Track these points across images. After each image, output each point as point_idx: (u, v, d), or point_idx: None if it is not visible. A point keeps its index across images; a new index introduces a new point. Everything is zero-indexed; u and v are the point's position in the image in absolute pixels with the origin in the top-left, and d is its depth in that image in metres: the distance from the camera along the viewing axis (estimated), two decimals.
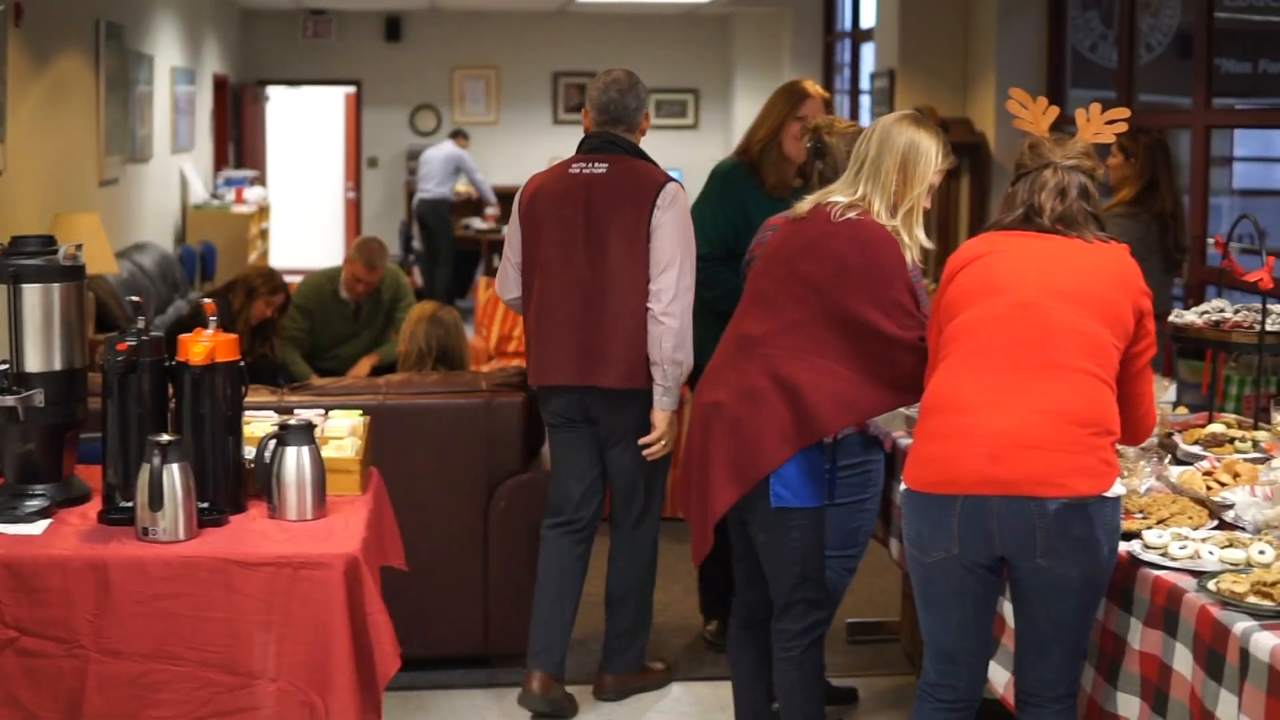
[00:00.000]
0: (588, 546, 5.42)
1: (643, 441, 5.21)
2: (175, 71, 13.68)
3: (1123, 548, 3.69)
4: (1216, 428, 4.62)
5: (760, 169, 5.66)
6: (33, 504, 3.82)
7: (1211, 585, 3.36)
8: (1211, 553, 3.58)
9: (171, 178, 13.82)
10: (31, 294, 3.79)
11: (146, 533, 3.66)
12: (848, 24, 14.96)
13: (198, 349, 3.83)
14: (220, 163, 16.71)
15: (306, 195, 20.60)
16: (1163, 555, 3.61)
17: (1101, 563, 3.60)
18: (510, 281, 5.39)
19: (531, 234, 5.28)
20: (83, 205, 9.81)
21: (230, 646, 3.58)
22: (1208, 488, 4.08)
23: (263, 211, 16.18)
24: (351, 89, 19.26)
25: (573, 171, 5.26)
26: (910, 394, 4.23)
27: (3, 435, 3.85)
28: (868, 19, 13.70)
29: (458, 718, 5.36)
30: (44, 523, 3.78)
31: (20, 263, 3.81)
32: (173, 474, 3.65)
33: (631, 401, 5.21)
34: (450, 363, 6.42)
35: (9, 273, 3.79)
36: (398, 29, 18.67)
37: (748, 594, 4.64)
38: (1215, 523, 3.91)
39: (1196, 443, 4.54)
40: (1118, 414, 3.69)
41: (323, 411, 4.48)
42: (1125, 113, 4.02)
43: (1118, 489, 3.61)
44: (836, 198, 4.31)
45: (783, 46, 16.56)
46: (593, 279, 5.17)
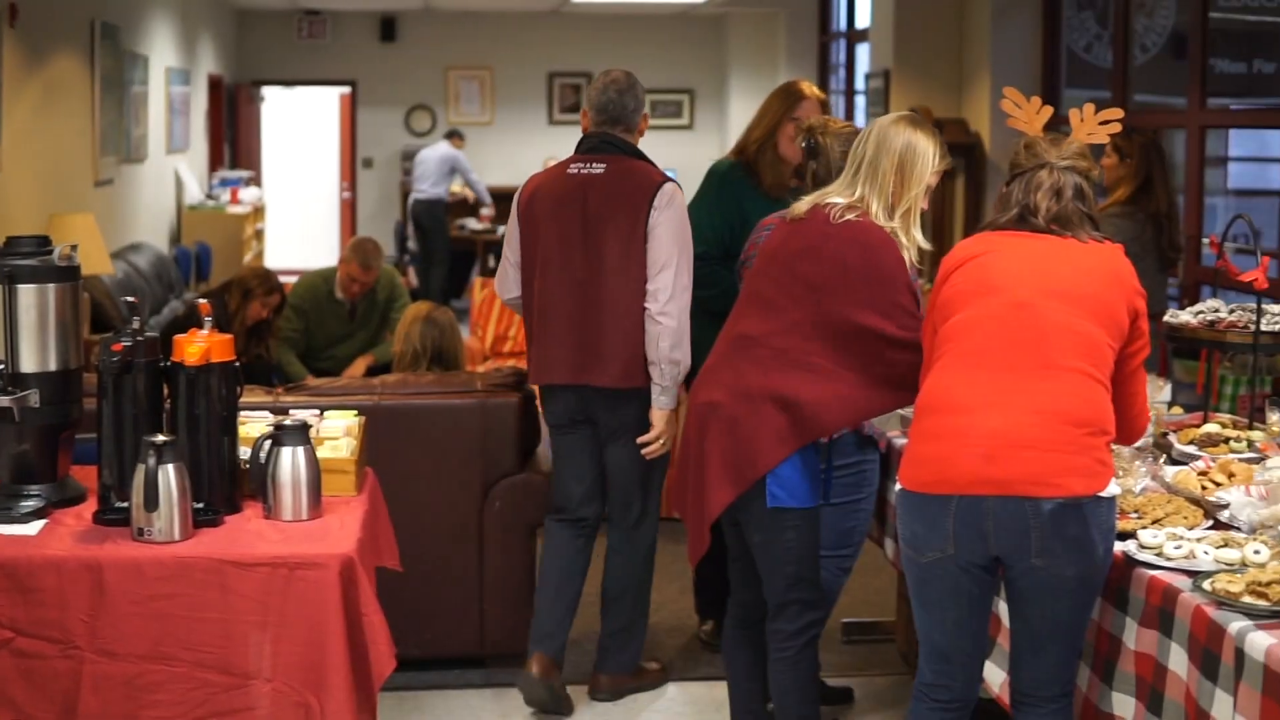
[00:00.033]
0: (590, 540, 5.43)
1: (641, 440, 5.22)
2: (170, 72, 13.68)
3: (1118, 547, 3.69)
4: (1211, 428, 4.62)
5: (757, 169, 5.66)
6: (28, 504, 3.82)
7: (1206, 585, 3.36)
8: (1206, 552, 3.58)
9: (166, 178, 13.81)
10: (27, 294, 3.79)
11: (142, 533, 3.66)
12: (843, 24, 14.97)
13: (193, 349, 3.83)
14: (215, 163, 16.71)
15: (302, 196, 20.60)
16: (1158, 555, 3.62)
17: (1097, 562, 3.60)
18: (510, 281, 5.41)
19: (530, 234, 5.30)
20: (78, 206, 9.81)
21: (225, 647, 3.58)
22: (1203, 487, 4.08)
23: (258, 212, 16.17)
24: (346, 89, 19.27)
25: (571, 172, 5.26)
26: (910, 394, 4.23)
27: None
28: (863, 19, 13.71)
29: (453, 718, 5.36)
30: (39, 523, 3.78)
31: (15, 263, 3.81)
32: (168, 474, 3.65)
33: (630, 400, 5.22)
34: (445, 363, 6.41)
35: (4, 273, 3.79)
36: (392, 29, 18.67)
37: (743, 594, 4.64)
38: (1210, 522, 3.91)
39: (1191, 443, 4.54)
40: (1113, 414, 3.69)
41: (318, 412, 4.48)
42: (1119, 113, 4.02)
43: (1113, 489, 3.61)
44: (835, 199, 4.30)
45: (778, 47, 16.56)
46: (590, 279, 5.17)
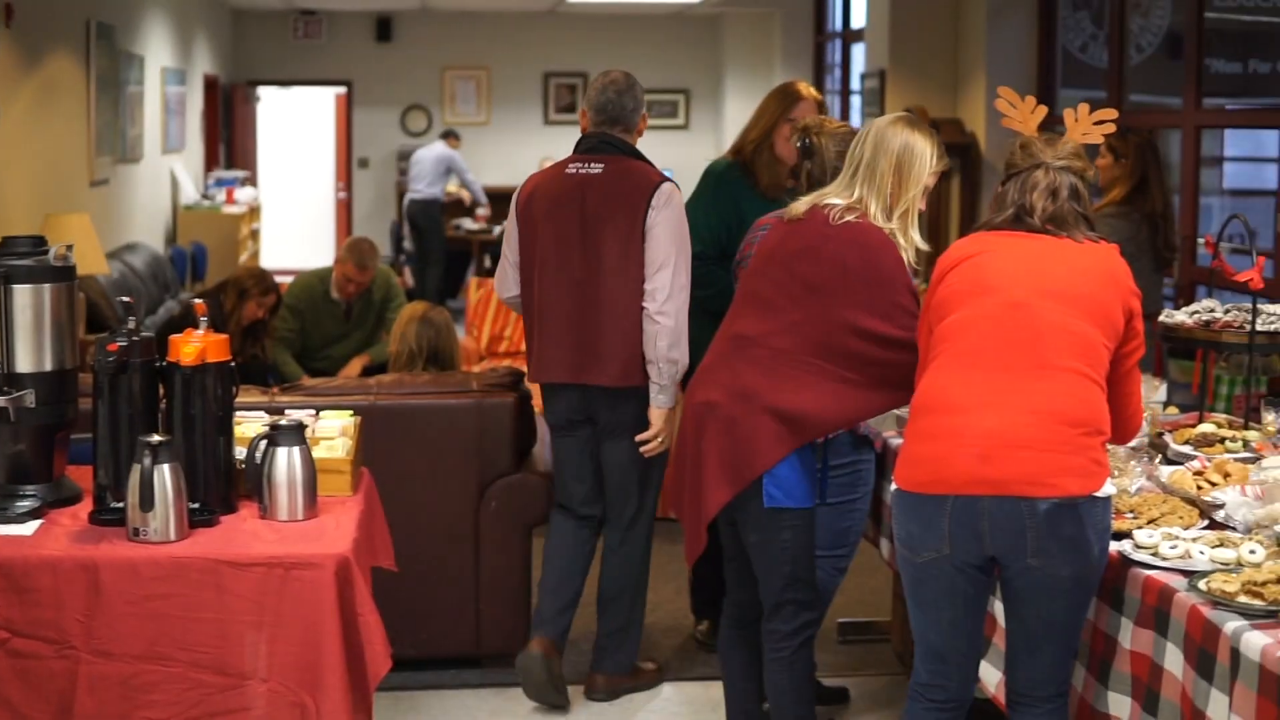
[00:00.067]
0: (594, 534, 5.46)
1: (640, 438, 5.24)
2: (166, 72, 13.67)
3: (1113, 547, 3.69)
4: (1207, 427, 4.63)
5: (753, 169, 5.67)
6: (23, 504, 3.82)
7: (1202, 585, 3.37)
8: (1202, 552, 3.59)
9: (162, 178, 13.80)
10: (22, 294, 3.79)
11: (137, 533, 3.66)
12: (838, 24, 14.97)
13: (188, 349, 3.82)
14: (211, 163, 16.70)
15: (297, 196, 20.59)
16: (1153, 555, 3.62)
17: (1092, 562, 3.60)
18: (509, 280, 5.43)
19: (528, 233, 5.31)
20: (73, 206, 9.80)
21: (221, 647, 3.57)
22: (1198, 487, 4.08)
23: (253, 212, 16.17)
24: (342, 89, 19.25)
25: (569, 171, 5.28)
26: (908, 394, 4.22)
27: None
28: (858, 19, 13.71)
29: (449, 718, 5.36)
30: (35, 523, 3.78)
31: (11, 263, 3.81)
32: (163, 474, 3.65)
33: (628, 399, 5.23)
34: (441, 363, 6.41)
35: (0, 273, 3.79)
36: (388, 29, 18.67)
37: (738, 594, 4.64)
38: (1206, 522, 3.92)
39: (1187, 442, 4.54)
40: (1108, 414, 3.69)
41: (314, 412, 4.47)
42: (1113, 113, 4.03)
43: (1108, 489, 3.61)
44: (833, 200, 4.30)
45: (773, 47, 16.56)
46: (589, 278, 5.19)
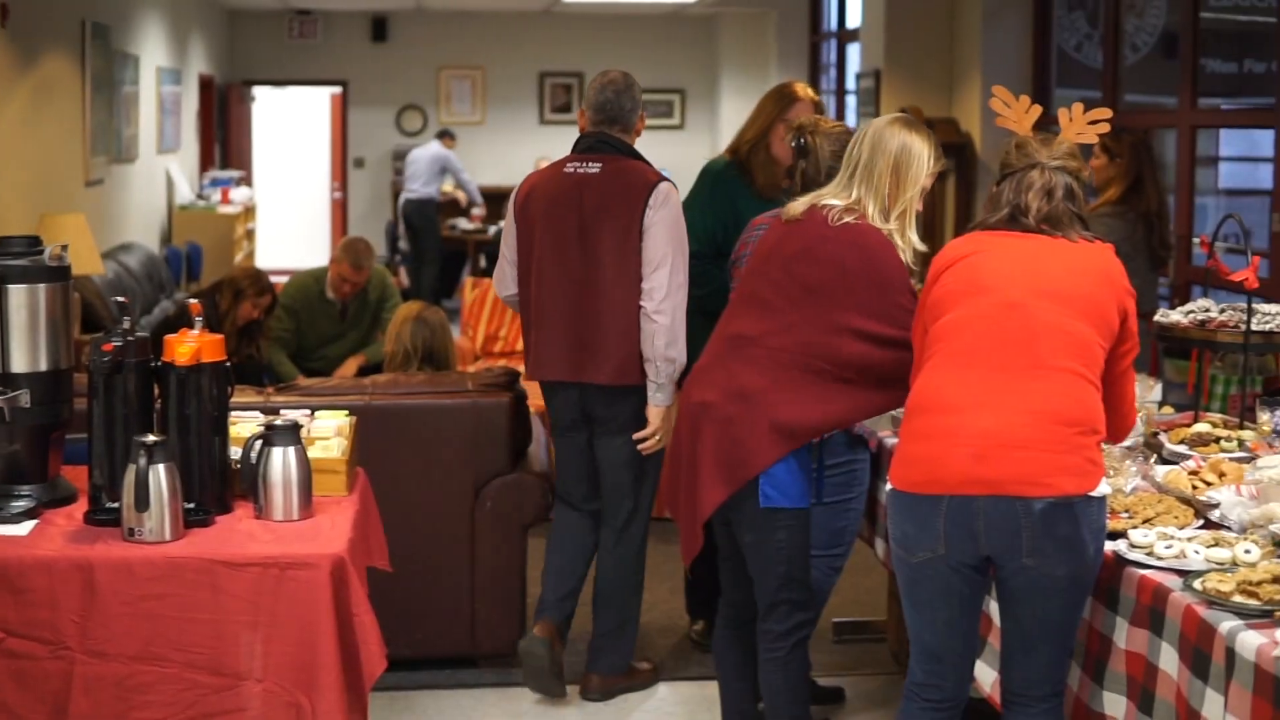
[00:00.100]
0: (596, 523, 5.48)
1: (638, 436, 5.26)
2: (161, 71, 13.66)
3: (1108, 547, 3.69)
4: (1202, 427, 4.63)
5: (750, 169, 5.67)
6: (19, 505, 3.81)
7: (1197, 584, 3.37)
8: (1197, 552, 3.59)
9: (157, 178, 13.79)
10: (17, 294, 3.79)
11: (132, 533, 3.65)
12: (833, 24, 14.97)
13: (183, 349, 3.82)
14: (206, 163, 16.69)
15: (293, 195, 20.57)
16: (1148, 554, 3.62)
17: (1087, 562, 3.60)
18: (507, 279, 5.47)
19: (526, 232, 5.34)
20: (68, 206, 9.79)
21: (216, 647, 3.57)
22: (1193, 487, 4.08)
23: (249, 212, 16.17)
24: (338, 89, 19.25)
25: (567, 171, 5.29)
26: (905, 394, 4.22)
27: None
28: (853, 19, 13.71)
29: (444, 718, 5.36)
30: (30, 523, 3.77)
31: (6, 263, 3.80)
32: (159, 475, 3.64)
33: (625, 397, 5.25)
34: (436, 363, 6.41)
35: None
36: (384, 29, 18.67)
37: (733, 594, 4.64)
38: (1201, 522, 3.92)
39: (1182, 442, 4.54)
40: (1103, 414, 3.69)
41: (309, 412, 4.47)
42: (1107, 113, 4.02)
43: (1103, 488, 3.61)
44: (831, 201, 4.30)
45: (768, 47, 16.56)
46: (586, 277, 5.21)
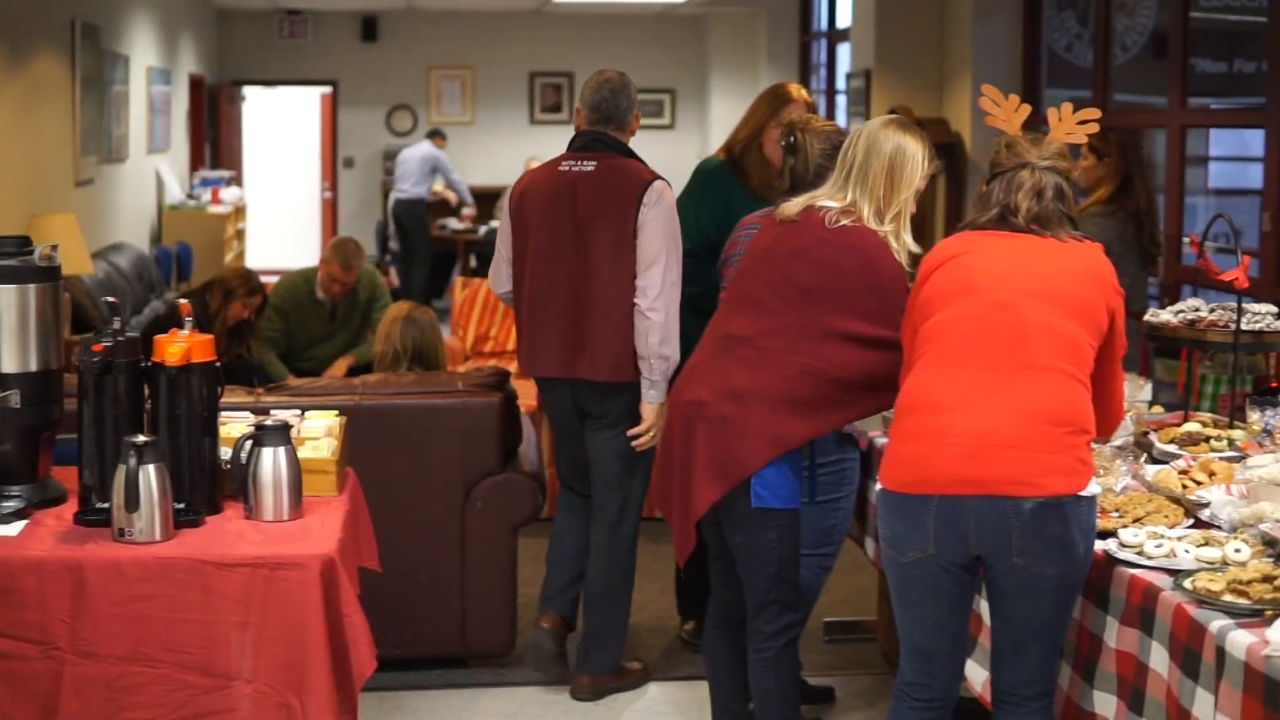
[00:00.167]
0: None
1: (632, 433, 5.27)
2: (151, 71, 13.64)
3: (1099, 546, 3.69)
4: (1192, 426, 4.63)
5: (744, 169, 5.68)
6: (9, 505, 3.81)
7: (1187, 584, 3.37)
8: (1187, 551, 3.59)
9: (147, 178, 13.77)
10: (7, 295, 3.78)
11: (123, 534, 3.65)
12: (824, 24, 14.98)
13: (173, 350, 3.82)
14: (196, 163, 16.67)
15: (283, 195, 20.56)
16: (1139, 554, 3.62)
17: (1077, 562, 3.60)
18: (502, 277, 5.50)
19: (521, 231, 5.37)
20: (58, 206, 9.78)
21: (207, 648, 3.57)
22: (1183, 486, 4.09)
23: (239, 212, 16.14)
24: (328, 89, 19.23)
25: (562, 169, 5.32)
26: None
27: None
28: (844, 19, 13.72)
29: (435, 718, 5.35)
30: (20, 524, 3.77)
31: None
32: (149, 475, 3.64)
33: (619, 394, 5.27)
34: (426, 363, 6.40)
35: None
36: (374, 29, 18.65)
37: (724, 594, 4.64)
38: (1191, 521, 3.92)
39: (1172, 441, 4.55)
40: (1093, 413, 3.69)
41: (299, 412, 4.47)
42: (1096, 113, 4.03)
43: (1093, 488, 3.62)
44: (827, 202, 4.29)
45: (759, 46, 16.57)
46: (580, 274, 5.24)
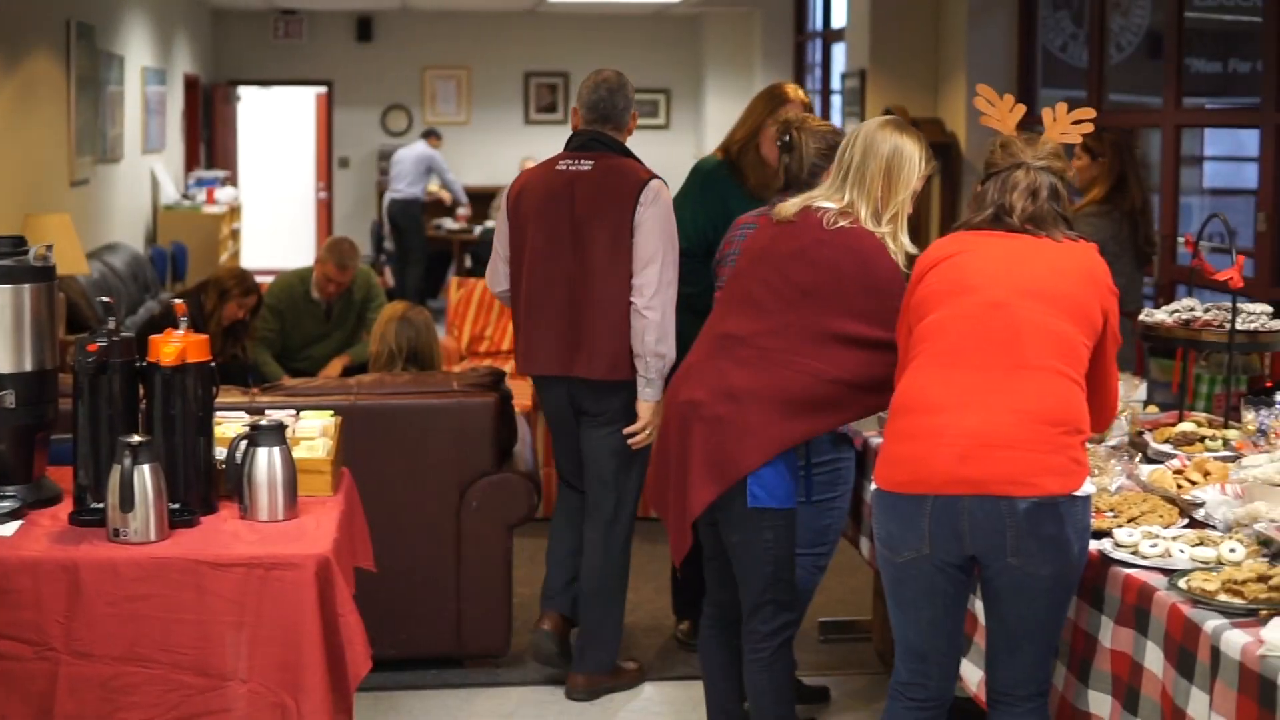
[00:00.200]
0: None
1: (628, 431, 5.28)
2: (146, 71, 13.63)
3: (1094, 546, 3.69)
4: (1187, 426, 4.63)
5: (741, 169, 5.69)
6: (3, 505, 3.81)
7: (1182, 583, 3.37)
8: (1182, 551, 3.59)
9: (142, 178, 13.77)
10: (2, 295, 3.78)
11: (117, 534, 3.65)
12: (819, 24, 14.98)
13: (168, 350, 3.81)
14: (191, 163, 16.66)
15: (278, 195, 20.54)
16: (1134, 554, 3.63)
17: (1072, 561, 3.60)
18: (500, 275, 5.51)
19: (518, 230, 5.38)
20: (53, 206, 9.77)
21: (202, 648, 3.57)
22: (1178, 486, 4.09)
23: (234, 212, 16.14)
24: (323, 89, 19.22)
25: (559, 168, 5.33)
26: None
27: None
28: (839, 19, 13.72)
29: (430, 718, 5.35)
30: (15, 524, 3.76)
31: None
32: (144, 475, 3.64)
33: (615, 392, 5.28)
34: (421, 363, 6.40)
35: None
36: (369, 29, 18.64)
37: (719, 594, 4.64)
38: (1186, 521, 3.93)
39: (1167, 441, 4.55)
40: (1087, 413, 3.70)
41: (294, 412, 4.46)
42: (1091, 113, 4.03)
43: (1088, 488, 3.62)
44: (824, 203, 4.30)
45: (753, 46, 16.57)
46: (578, 273, 5.25)
